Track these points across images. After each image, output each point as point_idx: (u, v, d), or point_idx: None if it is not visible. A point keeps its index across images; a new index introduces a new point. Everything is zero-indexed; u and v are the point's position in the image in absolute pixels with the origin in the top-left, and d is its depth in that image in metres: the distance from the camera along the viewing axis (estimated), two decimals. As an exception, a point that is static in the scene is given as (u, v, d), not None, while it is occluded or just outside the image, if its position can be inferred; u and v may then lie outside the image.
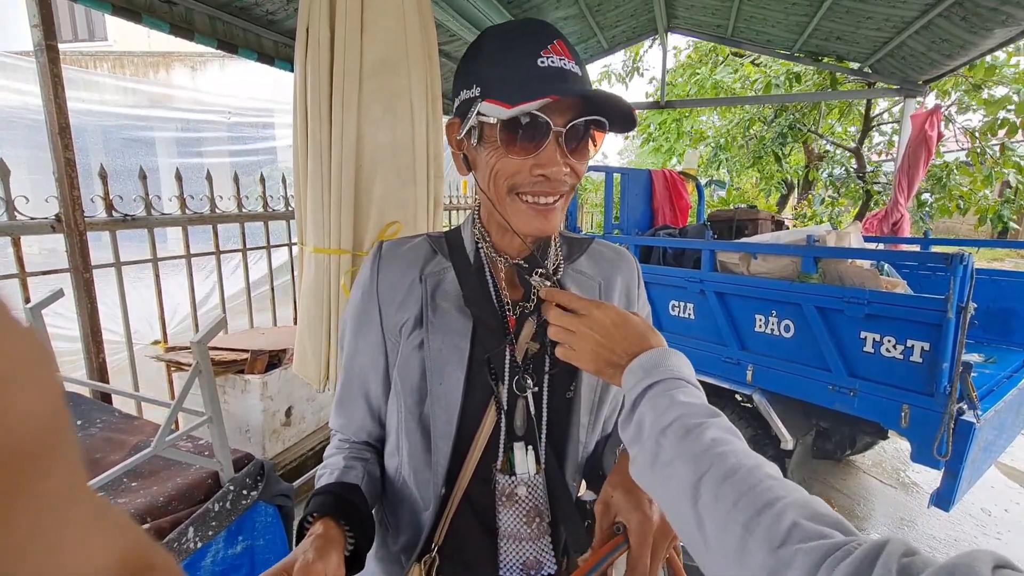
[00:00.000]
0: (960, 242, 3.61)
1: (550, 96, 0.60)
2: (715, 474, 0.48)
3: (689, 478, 0.49)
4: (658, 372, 0.59)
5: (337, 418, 0.84)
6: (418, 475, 0.75)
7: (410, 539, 0.77)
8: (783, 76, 6.41)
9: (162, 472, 1.61)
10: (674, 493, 0.50)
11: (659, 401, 0.56)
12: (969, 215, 6.20)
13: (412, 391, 0.74)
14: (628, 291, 0.84)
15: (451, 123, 0.74)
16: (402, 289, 0.76)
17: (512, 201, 0.69)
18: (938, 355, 2.01)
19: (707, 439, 0.51)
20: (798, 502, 0.44)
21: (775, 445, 2.68)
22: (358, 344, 0.79)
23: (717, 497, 0.47)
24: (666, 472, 0.52)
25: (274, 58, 2.81)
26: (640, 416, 0.57)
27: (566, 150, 0.66)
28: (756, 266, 2.77)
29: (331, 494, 0.69)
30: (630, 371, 0.60)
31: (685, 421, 0.54)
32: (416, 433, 0.75)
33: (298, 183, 1.74)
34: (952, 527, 2.85)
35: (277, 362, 2.51)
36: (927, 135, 4.11)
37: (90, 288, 2.03)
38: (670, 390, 0.57)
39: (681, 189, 4.50)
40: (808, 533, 0.40)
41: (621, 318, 0.64)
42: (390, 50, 1.54)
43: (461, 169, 0.75)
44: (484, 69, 0.67)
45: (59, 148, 1.89)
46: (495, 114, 0.64)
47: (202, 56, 9.88)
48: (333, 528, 0.64)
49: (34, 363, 0.15)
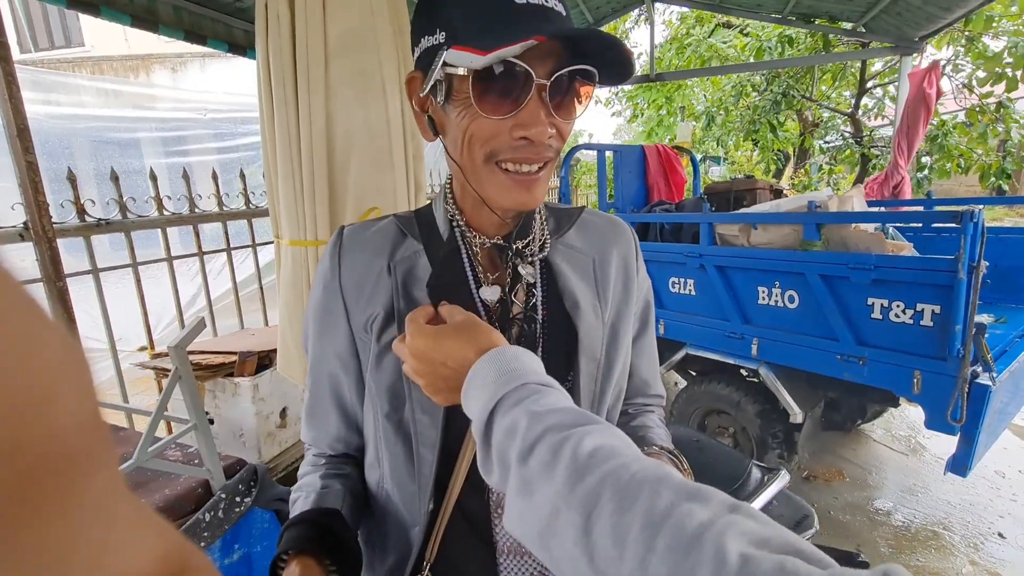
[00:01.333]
0: (962, 201, 3.52)
1: (534, 37, 0.49)
2: (609, 506, 0.35)
3: (575, 520, 0.36)
4: (500, 383, 0.47)
5: (308, 431, 0.75)
6: (402, 489, 0.67)
7: (398, 560, 0.68)
8: (775, 39, 6.26)
9: (150, 484, 1.55)
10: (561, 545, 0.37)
11: (511, 419, 0.44)
12: (967, 177, 6.09)
13: (388, 396, 0.65)
14: (626, 265, 0.74)
15: (411, 78, 0.63)
16: (369, 280, 0.66)
17: (490, 171, 0.58)
18: (950, 317, 1.94)
19: (584, 454, 0.39)
20: (732, 520, 0.33)
21: (784, 419, 2.64)
22: (323, 347, 0.69)
23: (621, 540, 0.34)
24: (542, 516, 0.39)
25: (246, 48, 2.70)
26: (498, 448, 0.45)
27: (550, 107, 0.56)
28: (756, 237, 2.69)
29: (307, 523, 0.61)
30: (468, 392, 0.49)
31: (551, 437, 0.41)
32: (396, 443, 0.66)
33: (269, 174, 1.66)
34: (966, 491, 2.81)
35: (268, 363, 2.44)
36: (926, 93, 4.00)
37: (64, 297, 1.95)
38: (522, 400, 0.45)
39: (675, 163, 4.39)
40: (764, 568, 0.29)
41: (431, 336, 0.54)
42: (356, 24, 1.44)
43: (426, 134, 0.64)
44: (449, 9, 0.55)
45: (19, 151, 1.80)
46: (465, 63, 0.53)
47: (181, 57, 9.72)
48: (312, 567, 0.57)
49: (74, 368, 0.15)
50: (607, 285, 0.71)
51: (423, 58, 0.59)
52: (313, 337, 0.71)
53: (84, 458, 0.15)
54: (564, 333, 0.67)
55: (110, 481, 0.17)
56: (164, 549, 0.19)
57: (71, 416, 0.15)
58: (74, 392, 0.15)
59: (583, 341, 0.66)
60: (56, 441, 0.14)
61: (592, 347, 0.67)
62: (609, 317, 0.70)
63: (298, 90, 1.46)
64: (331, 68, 1.46)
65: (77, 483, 0.15)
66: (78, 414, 0.15)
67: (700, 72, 6.73)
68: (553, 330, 0.67)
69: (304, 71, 1.44)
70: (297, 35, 1.43)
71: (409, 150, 1.65)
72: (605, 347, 0.69)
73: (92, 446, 0.16)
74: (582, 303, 0.67)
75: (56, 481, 0.14)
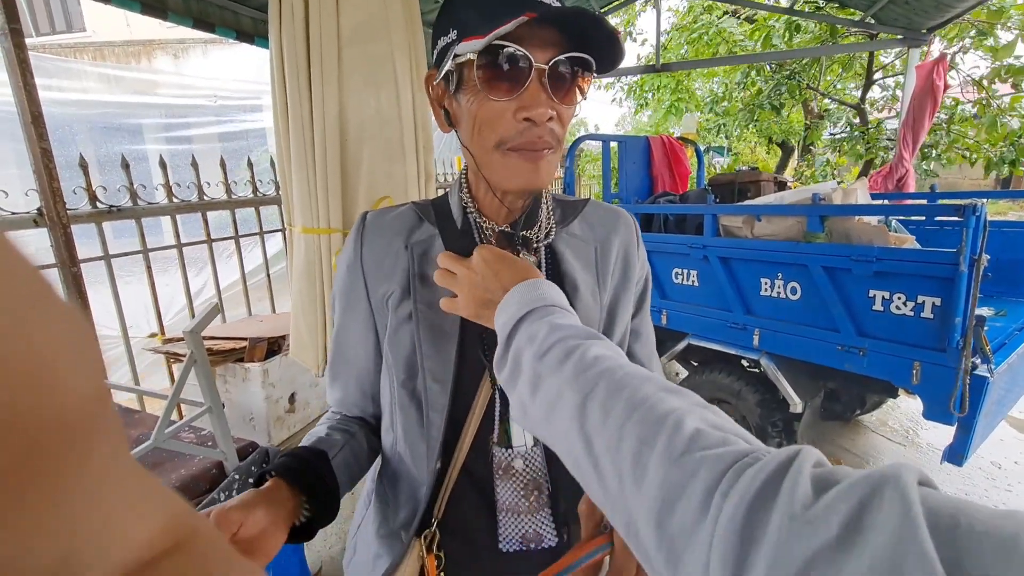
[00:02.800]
0: (967, 194, 3.53)
1: (525, 14, 0.55)
2: (602, 391, 0.44)
3: (574, 399, 0.45)
4: (531, 302, 0.56)
5: (332, 392, 0.82)
6: (414, 450, 0.73)
7: (408, 515, 0.75)
8: (783, 25, 6.21)
9: (166, 464, 1.60)
10: (559, 420, 0.46)
11: (534, 328, 0.52)
12: (972, 170, 6.06)
13: (403, 365, 0.71)
14: (627, 252, 0.80)
15: (429, 75, 0.69)
16: (388, 259, 0.72)
17: (500, 156, 0.64)
18: (950, 310, 1.96)
19: (590, 357, 0.47)
20: (696, 410, 0.40)
21: (783, 408, 2.67)
22: (346, 321, 0.77)
23: (607, 413, 0.42)
24: (548, 399, 0.47)
25: (253, 36, 2.70)
26: (516, 348, 0.53)
27: (550, 91, 0.61)
28: (760, 228, 2.70)
29: (296, 457, 0.65)
30: (503, 306, 0.57)
31: (566, 344, 0.49)
32: (410, 407, 0.72)
33: (282, 163, 1.68)
34: (963, 481, 2.86)
35: (277, 349, 2.48)
36: (934, 84, 3.98)
37: (79, 282, 1.98)
38: (545, 316, 0.54)
39: (680, 155, 4.39)
40: (711, 440, 0.36)
41: (496, 255, 0.62)
42: (368, 15, 1.45)
43: (442, 125, 0.70)
44: (459, 10, 0.62)
45: (33, 138, 1.82)
46: (470, 49, 0.59)
47: (183, 43, 9.65)
48: (285, 490, 0.61)
49: (79, 341, 0.15)
50: (607, 271, 0.77)
51: (438, 57, 0.66)
52: (338, 311, 0.78)
53: (88, 430, 0.15)
54: None
55: (114, 452, 0.17)
56: (169, 517, 0.20)
57: (75, 389, 0.15)
58: (78, 364, 0.15)
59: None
60: (60, 412, 0.14)
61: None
62: (607, 301, 0.77)
63: (311, 80, 1.48)
64: (343, 58, 1.48)
65: (82, 454, 0.15)
66: (82, 387, 0.15)
67: (707, 63, 6.67)
68: None
69: (318, 61, 1.45)
70: (311, 26, 1.44)
71: (420, 140, 1.67)
72: (602, 329, 0.76)
73: (96, 418, 0.16)
74: (581, 288, 0.74)
75: (60, 451, 0.14)
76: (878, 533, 0.26)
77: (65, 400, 0.14)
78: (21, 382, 0.13)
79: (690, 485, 0.35)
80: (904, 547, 0.25)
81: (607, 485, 0.40)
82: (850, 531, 0.27)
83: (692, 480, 0.35)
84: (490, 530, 0.74)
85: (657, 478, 0.37)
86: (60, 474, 0.15)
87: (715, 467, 0.34)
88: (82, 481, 0.15)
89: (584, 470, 0.43)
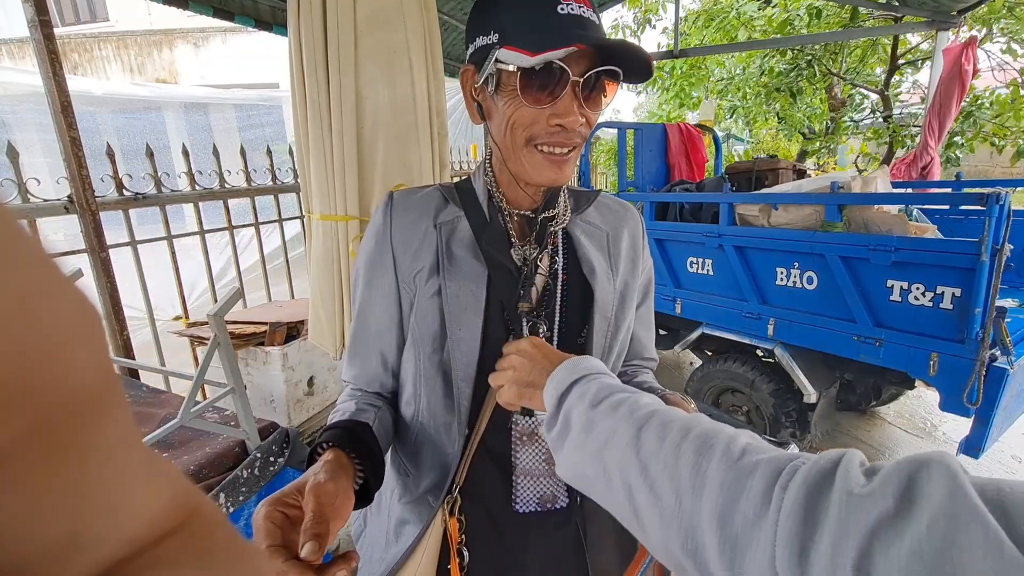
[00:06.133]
0: (993, 183, 3.43)
1: (575, 44, 0.60)
2: (656, 422, 0.48)
3: (629, 432, 0.48)
4: (580, 371, 0.59)
5: (350, 368, 0.85)
6: (437, 420, 0.78)
7: (434, 480, 0.80)
8: (804, 10, 6.05)
9: (191, 442, 1.66)
10: (614, 451, 0.49)
11: (586, 388, 0.56)
12: (1002, 158, 5.86)
13: (430, 339, 0.75)
14: (634, 243, 0.86)
15: (466, 70, 0.73)
16: (417, 236, 0.76)
17: (529, 152, 0.69)
18: (970, 301, 1.93)
19: (642, 403, 0.51)
20: (744, 432, 0.45)
21: (797, 398, 2.66)
22: (371, 294, 0.79)
23: (662, 439, 0.46)
24: (603, 436, 0.50)
25: (272, 24, 2.73)
26: (567, 408, 0.56)
27: (582, 100, 0.66)
28: (777, 217, 2.67)
29: (343, 428, 0.70)
30: (553, 376, 0.61)
31: (618, 395, 0.53)
32: (437, 378, 0.76)
33: (300, 151, 1.71)
34: (981, 475, 2.81)
35: (296, 333, 2.54)
36: (963, 69, 3.85)
37: (107, 267, 2.05)
38: (594, 379, 0.57)
39: (697, 142, 4.33)
40: (763, 447, 0.41)
41: (537, 343, 0.67)
42: (383, 3, 1.47)
43: (474, 118, 0.75)
44: (502, 14, 0.66)
45: (63, 127, 1.88)
46: (516, 62, 0.63)
47: (204, 32, 9.76)
48: (344, 458, 0.65)
49: (86, 319, 0.16)
50: (618, 257, 0.83)
51: (476, 54, 0.70)
52: (362, 285, 0.81)
53: (95, 406, 0.16)
54: (581, 293, 0.79)
55: (121, 429, 0.17)
56: (173, 493, 0.20)
57: (82, 366, 0.15)
58: (85, 341, 0.15)
59: (598, 301, 0.78)
60: (68, 388, 0.15)
61: (605, 307, 0.79)
62: (619, 285, 0.82)
63: (329, 69, 1.50)
64: (360, 46, 1.50)
65: (89, 430, 0.16)
66: (89, 364, 0.15)
67: (725, 48, 6.53)
68: (572, 290, 0.79)
69: (335, 50, 1.48)
70: (328, 14, 1.47)
71: (434, 128, 1.69)
72: (615, 309, 0.81)
73: (103, 395, 0.16)
74: (598, 269, 0.79)
75: (69, 427, 0.15)
76: (931, 499, 0.30)
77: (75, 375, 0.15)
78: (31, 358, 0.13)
79: (750, 482, 0.38)
80: (956, 506, 0.29)
81: (663, 505, 0.43)
82: (905, 500, 0.31)
83: (751, 479, 0.39)
84: (505, 492, 0.80)
85: (717, 481, 0.40)
86: (69, 447, 0.15)
87: (771, 466, 0.38)
88: (90, 457, 0.16)
89: (637, 496, 0.46)
